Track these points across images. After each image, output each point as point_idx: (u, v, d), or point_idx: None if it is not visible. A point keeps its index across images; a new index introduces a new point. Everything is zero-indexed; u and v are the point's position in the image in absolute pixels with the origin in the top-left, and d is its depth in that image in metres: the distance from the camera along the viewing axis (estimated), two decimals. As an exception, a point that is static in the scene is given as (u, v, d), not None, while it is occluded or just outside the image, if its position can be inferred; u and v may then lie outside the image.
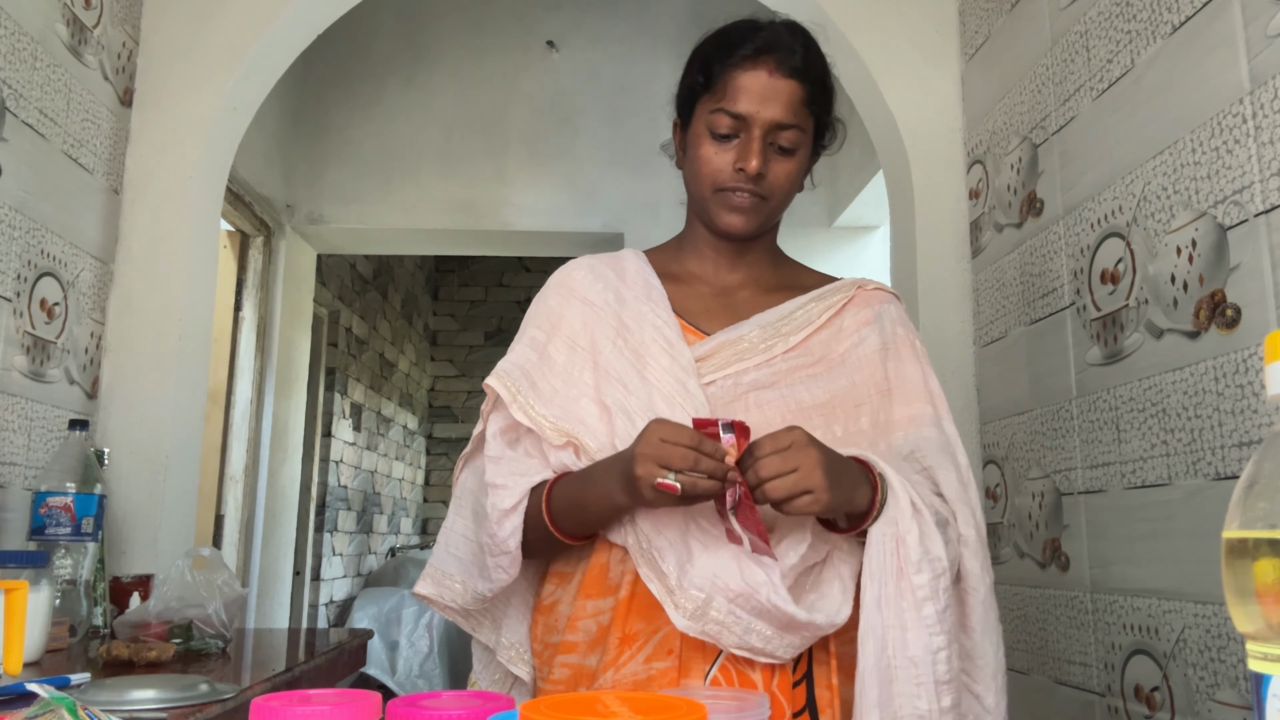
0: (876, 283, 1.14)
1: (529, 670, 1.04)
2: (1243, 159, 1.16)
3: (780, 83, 1.02)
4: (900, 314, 1.13)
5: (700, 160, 1.06)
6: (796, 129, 1.03)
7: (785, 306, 1.09)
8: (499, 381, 1.04)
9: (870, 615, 0.88)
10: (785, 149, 1.04)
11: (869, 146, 2.57)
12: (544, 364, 1.06)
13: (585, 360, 1.06)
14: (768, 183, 1.04)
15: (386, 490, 5.58)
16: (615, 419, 1.00)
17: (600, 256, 1.15)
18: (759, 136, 1.02)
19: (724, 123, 1.03)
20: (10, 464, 1.68)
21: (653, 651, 0.94)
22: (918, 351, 1.10)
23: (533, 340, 1.08)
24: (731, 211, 1.06)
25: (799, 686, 0.95)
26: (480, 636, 1.08)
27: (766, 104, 1.02)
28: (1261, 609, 0.44)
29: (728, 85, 1.03)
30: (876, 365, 1.06)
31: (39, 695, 0.70)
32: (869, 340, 1.08)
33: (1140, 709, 1.35)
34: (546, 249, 3.67)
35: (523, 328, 1.12)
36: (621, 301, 1.09)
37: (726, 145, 1.04)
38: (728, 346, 1.05)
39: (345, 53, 3.49)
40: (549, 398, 1.03)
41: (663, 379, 1.02)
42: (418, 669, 4.50)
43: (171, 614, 1.39)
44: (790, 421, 1.01)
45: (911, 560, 0.88)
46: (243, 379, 3.19)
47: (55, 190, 1.80)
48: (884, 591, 0.88)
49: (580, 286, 1.11)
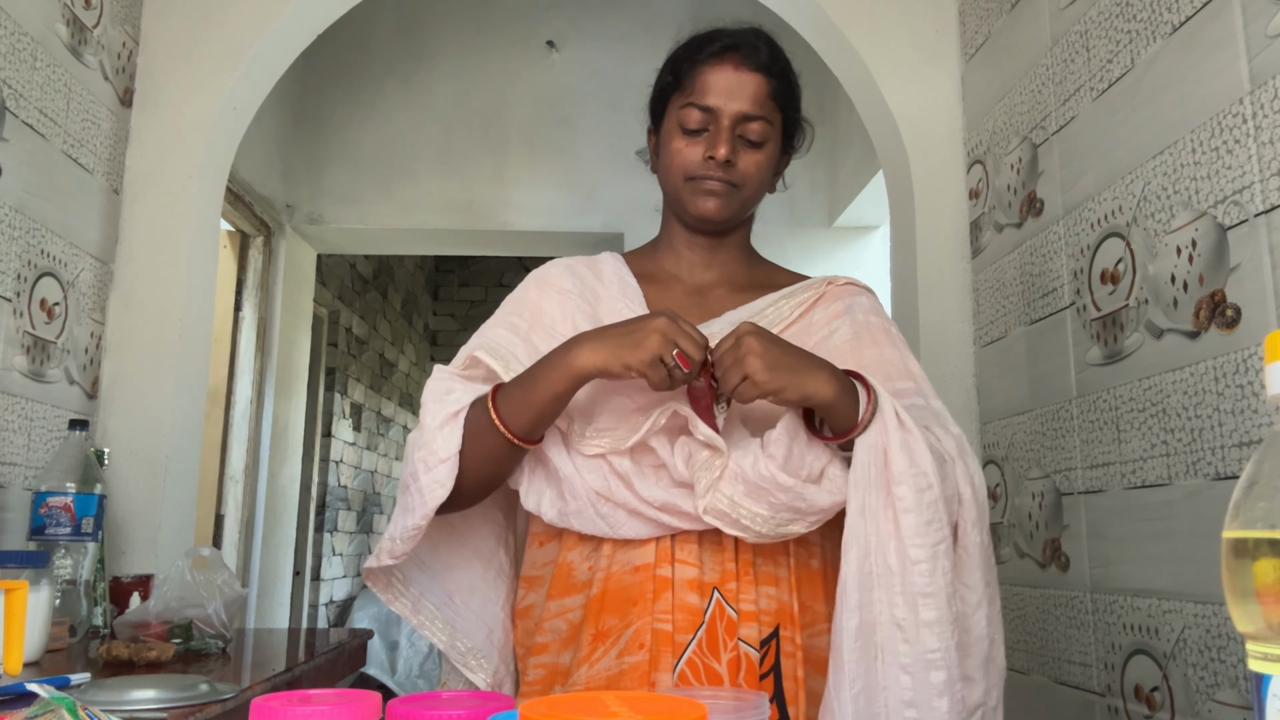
0: (847, 278, 1.16)
1: (485, 678, 1.04)
2: (1243, 159, 1.16)
3: (746, 76, 1.06)
4: (873, 304, 1.14)
5: (672, 153, 1.09)
6: (764, 121, 1.07)
7: (757, 304, 1.11)
8: (489, 355, 1.03)
9: (854, 522, 0.90)
10: (753, 141, 1.07)
11: (869, 146, 2.57)
12: (527, 348, 1.06)
13: None
14: (738, 171, 1.07)
15: (386, 490, 5.58)
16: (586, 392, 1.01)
17: (577, 258, 1.18)
18: (727, 127, 1.05)
19: (694, 117, 1.06)
20: (10, 464, 1.68)
21: (625, 646, 0.95)
22: (894, 338, 1.11)
23: (514, 326, 1.09)
24: (705, 195, 1.07)
25: (766, 679, 0.95)
26: (432, 638, 1.06)
27: (733, 96, 1.06)
28: (1261, 609, 0.44)
29: (696, 81, 1.07)
30: (848, 355, 1.06)
31: (39, 695, 0.70)
32: (840, 331, 1.09)
33: (1140, 709, 1.35)
34: (546, 249, 3.67)
35: (500, 314, 1.12)
36: (597, 299, 1.11)
37: (697, 138, 1.07)
38: None
39: (345, 53, 3.49)
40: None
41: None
42: (418, 669, 4.50)
43: (171, 614, 1.39)
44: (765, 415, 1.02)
45: (894, 471, 0.90)
46: (243, 379, 3.19)
47: (55, 190, 1.80)
48: (867, 500, 0.90)
49: (557, 281, 1.13)
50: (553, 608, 1.01)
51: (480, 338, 1.08)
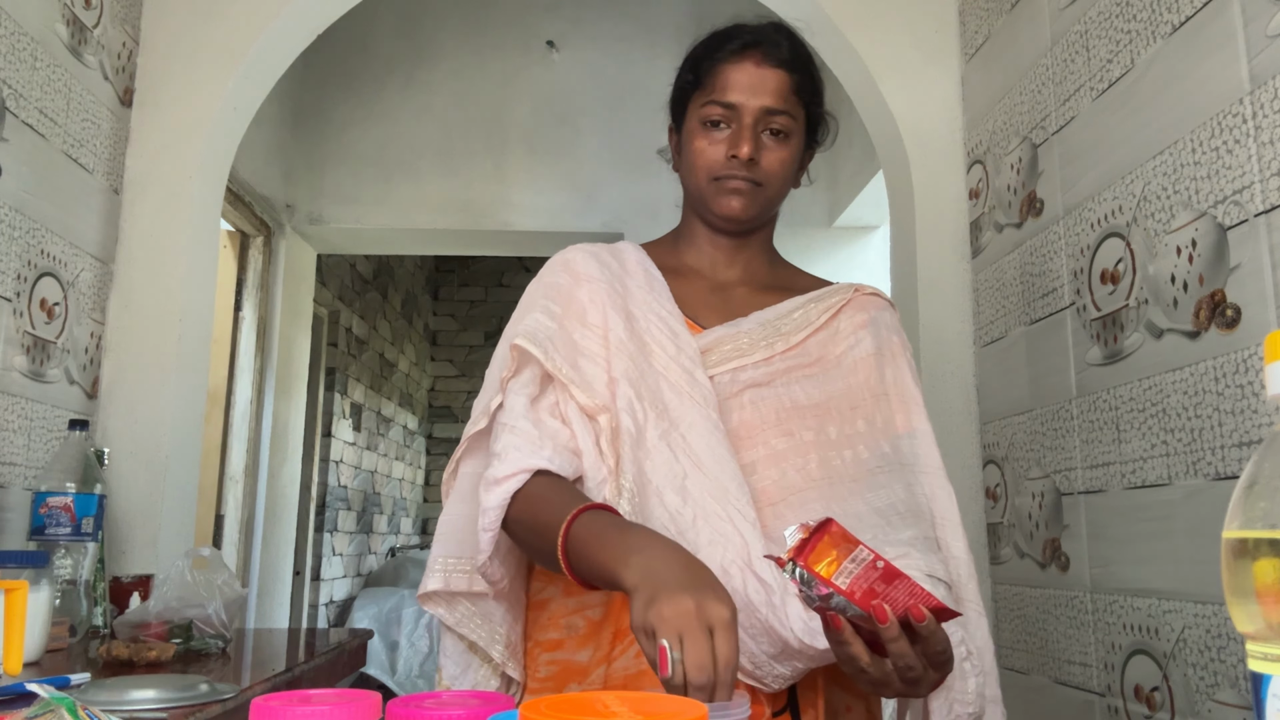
0: (872, 288, 1.15)
1: (520, 670, 1.02)
2: (1243, 159, 1.16)
3: (768, 72, 1.05)
4: (894, 322, 1.13)
5: (695, 153, 1.07)
6: (786, 115, 1.06)
7: (784, 305, 1.09)
8: (529, 342, 0.98)
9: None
10: (777, 136, 1.06)
11: (869, 146, 2.57)
12: (562, 335, 1.02)
13: (595, 334, 1.03)
14: (761, 169, 1.05)
15: (386, 490, 5.58)
16: (620, 386, 0.98)
17: (598, 245, 1.13)
18: (750, 124, 1.04)
19: (716, 114, 1.05)
20: (10, 464, 1.68)
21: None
22: (909, 362, 1.10)
23: (548, 311, 1.04)
24: (729, 195, 1.06)
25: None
26: (472, 635, 1.02)
27: (755, 92, 1.04)
28: (1261, 609, 0.44)
29: (717, 79, 1.06)
30: (872, 369, 1.06)
31: (39, 695, 0.70)
32: (864, 343, 1.08)
33: (1140, 709, 1.35)
34: (546, 249, 3.66)
35: (529, 302, 1.07)
36: (625, 288, 1.08)
37: (719, 136, 1.06)
38: (727, 341, 1.05)
39: (345, 53, 3.49)
40: (573, 361, 1.00)
41: (670, 367, 1.01)
42: (418, 669, 4.50)
43: (171, 614, 1.39)
44: (784, 421, 1.01)
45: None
46: (243, 379, 3.19)
47: (55, 190, 1.80)
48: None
49: (583, 267, 1.08)
50: (571, 604, 0.99)
51: (518, 324, 1.03)
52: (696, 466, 0.95)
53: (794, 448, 1.01)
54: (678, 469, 0.95)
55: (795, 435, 1.01)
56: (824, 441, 1.01)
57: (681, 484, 0.94)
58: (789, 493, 0.98)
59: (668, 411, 0.99)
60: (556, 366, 0.97)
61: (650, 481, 0.94)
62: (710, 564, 0.86)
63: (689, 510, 0.92)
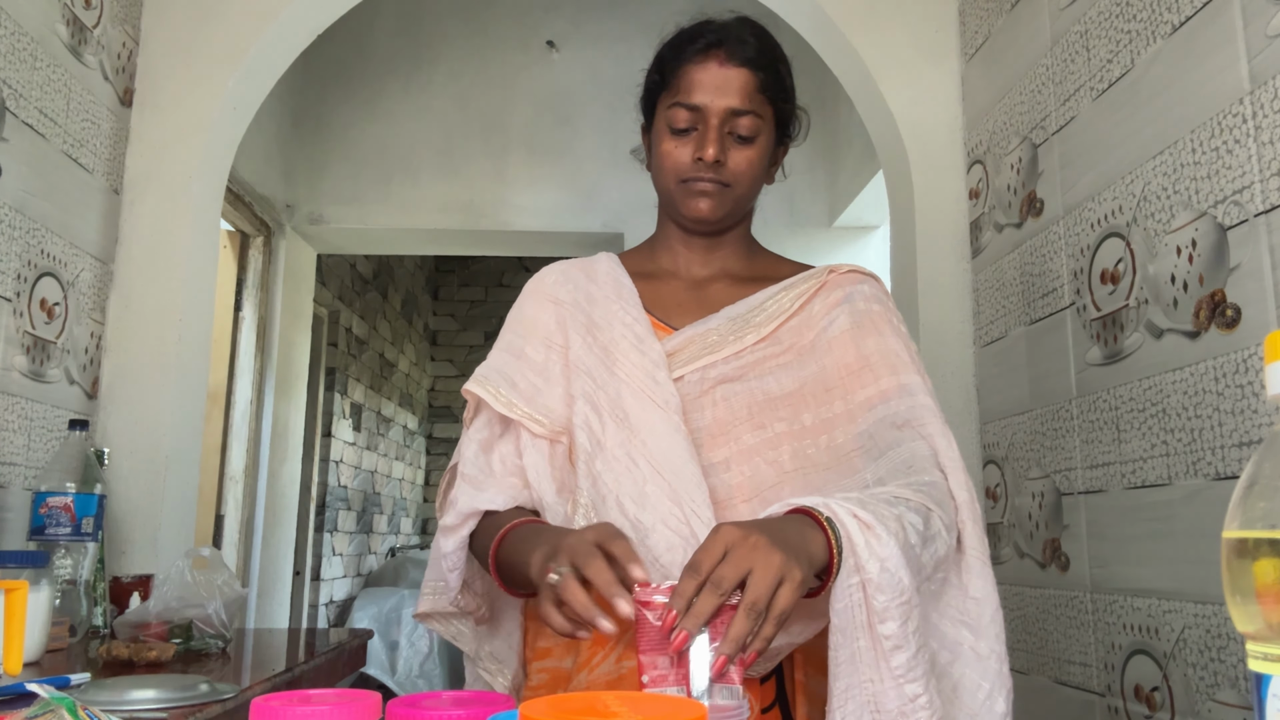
0: (850, 265, 1.12)
1: (506, 682, 1.04)
2: (1243, 159, 1.16)
3: (732, 71, 1.04)
4: (875, 291, 1.09)
5: (662, 155, 1.07)
6: (753, 115, 1.05)
7: (755, 297, 1.08)
8: (478, 385, 1.06)
9: (844, 672, 0.79)
10: (744, 137, 1.05)
11: (869, 146, 2.57)
12: (521, 364, 1.07)
13: (558, 357, 1.07)
14: (728, 170, 1.05)
15: (386, 490, 5.58)
16: (576, 404, 1.01)
17: (572, 261, 1.17)
18: (715, 126, 1.04)
19: (681, 116, 1.05)
20: (10, 464, 1.68)
21: (624, 651, 0.94)
22: (896, 326, 1.06)
23: (509, 345, 1.10)
24: (697, 197, 1.06)
25: (768, 681, 0.94)
26: (463, 648, 1.08)
27: (720, 93, 1.04)
28: (1261, 609, 0.44)
29: (681, 79, 1.05)
30: (847, 344, 1.03)
31: (39, 695, 0.70)
32: (838, 321, 1.05)
33: (1140, 709, 1.35)
34: (546, 249, 3.67)
35: (500, 335, 1.13)
36: (591, 301, 1.09)
37: (685, 138, 1.05)
38: (696, 340, 1.05)
39: (345, 53, 3.49)
40: (530, 395, 1.05)
41: (632, 374, 1.02)
42: (418, 669, 4.50)
43: (171, 614, 1.39)
44: (756, 414, 1.00)
45: (877, 608, 0.78)
46: (243, 379, 3.19)
47: (55, 190, 1.80)
48: (856, 647, 0.79)
49: (551, 289, 1.13)
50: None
51: (481, 366, 1.10)
52: (657, 472, 0.95)
53: (766, 441, 1.00)
54: (638, 476, 0.96)
55: (767, 428, 1.00)
56: (798, 431, 1.00)
57: (641, 490, 0.95)
58: (762, 488, 0.97)
59: (628, 419, 0.99)
60: (509, 405, 1.04)
61: (610, 493, 0.96)
62: (670, 569, 0.89)
63: (648, 517, 0.93)
